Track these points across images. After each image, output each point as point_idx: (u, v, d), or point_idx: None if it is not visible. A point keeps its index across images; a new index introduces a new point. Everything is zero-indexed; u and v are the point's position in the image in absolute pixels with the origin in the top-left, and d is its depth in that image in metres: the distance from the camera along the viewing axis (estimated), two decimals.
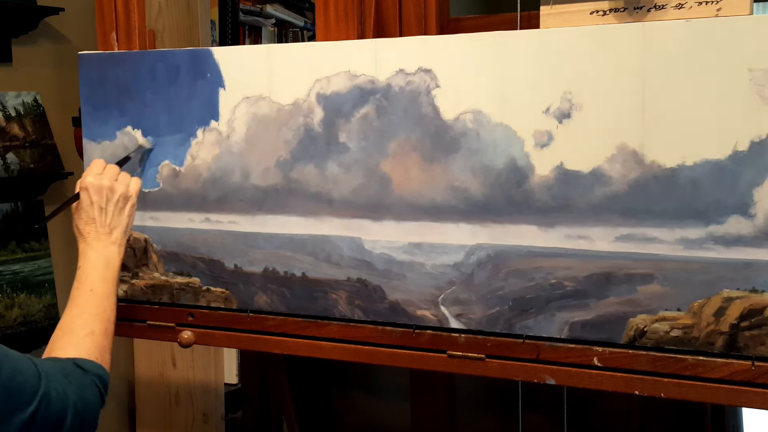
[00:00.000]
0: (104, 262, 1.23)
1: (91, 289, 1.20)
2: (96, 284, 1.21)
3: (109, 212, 1.27)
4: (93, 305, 1.18)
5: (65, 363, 1.07)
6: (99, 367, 1.10)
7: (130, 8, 1.43)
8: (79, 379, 1.04)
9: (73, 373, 1.05)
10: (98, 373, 1.09)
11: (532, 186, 1.14)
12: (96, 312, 1.17)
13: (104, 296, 1.20)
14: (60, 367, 1.04)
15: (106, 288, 1.21)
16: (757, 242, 1.04)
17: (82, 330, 1.14)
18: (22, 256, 2.28)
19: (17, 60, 2.28)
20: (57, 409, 0.98)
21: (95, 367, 1.09)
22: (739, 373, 1.06)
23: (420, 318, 1.23)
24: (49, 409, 0.96)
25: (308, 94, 1.27)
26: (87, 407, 1.03)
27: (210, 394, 2.41)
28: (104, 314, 1.18)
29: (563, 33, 1.12)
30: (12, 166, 2.23)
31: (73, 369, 1.06)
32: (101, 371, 1.10)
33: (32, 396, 0.94)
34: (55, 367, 1.03)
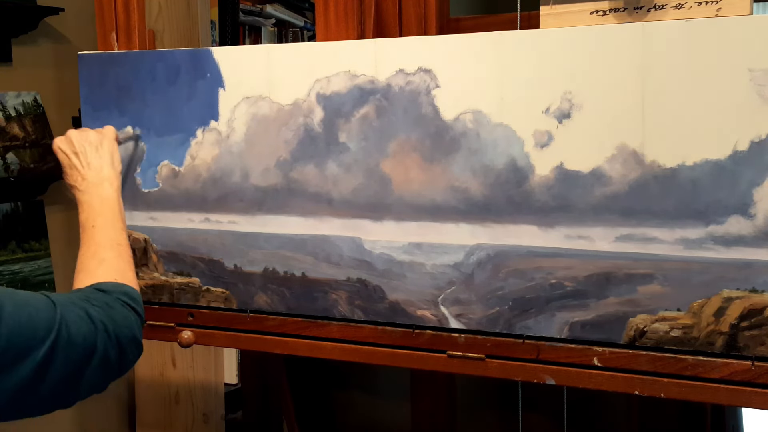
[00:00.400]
0: (98, 199, 1.22)
1: (93, 225, 1.17)
2: (96, 220, 1.18)
3: (87, 153, 1.27)
4: (99, 237, 1.15)
5: (83, 290, 1.02)
6: (121, 285, 1.05)
7: (130, 8, 1.43)
8: (102, 300, 0.99)
9: (94, 296, 0.99)
10: (122, 290, 1.03)
11: (532, 186, 1.14)
12: (101, 242, 1.14)
13: (107, 226, 1.17)
14: (79, 293, 0.99)
15: (105, 219, 1.18)
16: (757, 242, 1.04)
17: (92, 262, 1.11)
18: (22, 256, 2.28)
19: (17, 60, 2.28)
20: (81, 334, 0.91)
21: (117, 286, 1.04)
22: (739, 373, 1.06)
23: (420, 318, 1.23)
24: (71, 337, 0.90)
25: (308, 94, 1.27)
26: (119, 326, 0.97)
27: (210, 394, 2.41)
28: (111, 241, 1.15)
29: (563, 33, 1.12)
30: (12, 166, 2.23)
31: (93, 293, 1.01)
32: (125, 288, 1.04)
33: (48, 327, 0.88)
34: (72, 296, 0.97)
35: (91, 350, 0.92)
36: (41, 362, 0.86)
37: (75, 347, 0.90)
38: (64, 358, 0.89)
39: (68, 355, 0.89)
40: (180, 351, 2.36)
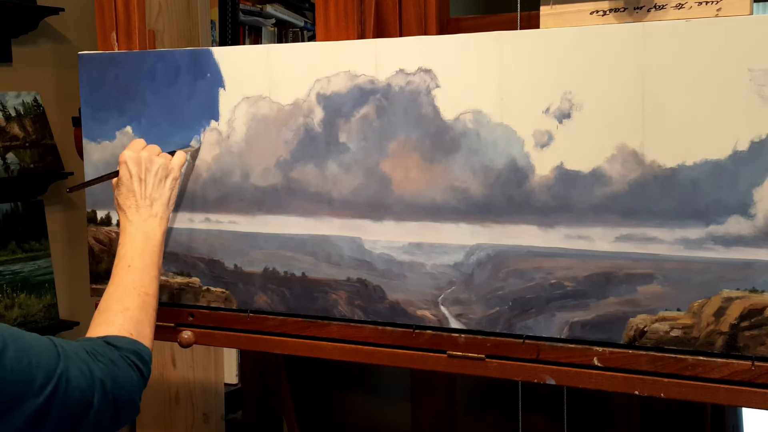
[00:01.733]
0: (143, 236, 1.19)
1: (129, 265, 1.15)
2: (134, 259, 1.16)
3: (148, 183, 1.23)
4: (129, 281, 1.13)
5: (93, 341, 1.00)
6: (133, 343, 1.03)
7: (130, 8, 1.43)
8: (109, 356, 0.97)
9: (101, 350, 0.97)
10: (132, 349, 1.01)
11: (532, 186, 1.14)
12: (132, 287, 1.12)
13: (142, 270, 1.15)
14: (87, 346, 0.97)
15: (143, 262, 1.16)
16: (757, 242, 1.04)
17: (116, 306, 1.09)
18: (22, 256, 2.28)
19: (17, 60, 2.28)
20: (80, 389, 0.90)
21: (128, 342, 1.02)
22: (739, 373, 1.06)
23: (420, 318, 1.23)
24: (69, 391, 0.89)
25: (308, 94, 1.27)
26: (119, 387, 0.96)
27: (210, 394, 2.41)
28: (141, 288, 1.13)
29: (563, 33, 1.12)
30: (12, 166, 2.23)
31: (102, 347, 0.99)
32: (136, 346, 1.03)
33: (47, 378, 0.87)
34: (80, 346, 0.96)
35: (88, 407, 0.92)
36: (36, 412, 0.85)
37: (71, 402, 0.90)
38: (59, 411, 0.88)
39: (64, 408, 0.89)
40: (180, 351, 2.36)
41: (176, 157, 1.30)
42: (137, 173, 1.24)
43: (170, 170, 1.27)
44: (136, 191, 1.23)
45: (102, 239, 1.44)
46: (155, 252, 1.20)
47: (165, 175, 1.26)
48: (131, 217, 1.22)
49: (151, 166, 1.25)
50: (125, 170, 1.25)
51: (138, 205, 1.22)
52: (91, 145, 1.43)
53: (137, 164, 1.25)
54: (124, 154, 1.26)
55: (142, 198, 1.23)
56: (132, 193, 1.23)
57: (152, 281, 1.16)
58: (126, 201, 1.23)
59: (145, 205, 1.23)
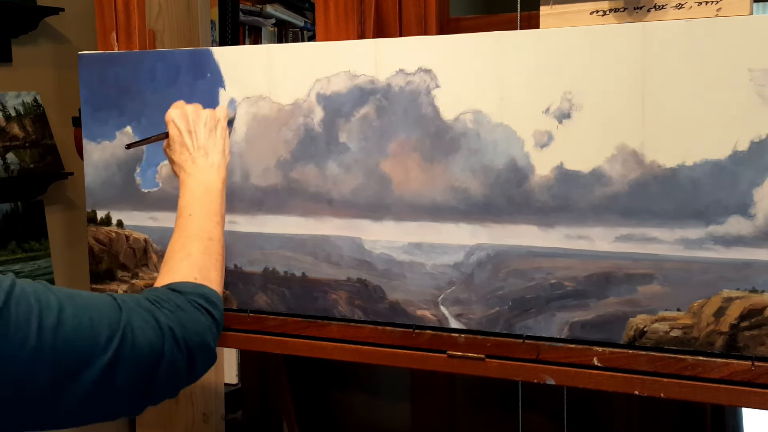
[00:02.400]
0: (203, 186, 1.16)
1: (190, 213, 1.12)
2: (194, 208, 1.13)
3: (199, 135, 1.21)
4: (192, 228, 1.10)
5: (156, 290, 0.97)
6: (199, 286, 1.00)
7: (130, 8, 1.43)
8: (174, 302, 0.94)
9: (165, 297, 0.94)
10: (198, 292, 0.98)
11: (532, 186, 1.14)
12: (194, 233, 1.09)
13: (204, 217, 1.12)
14: (150, 295, 0.94)
15: (204, 210, 1.13)
16: (757, 242, 1.04)
17: (179, 254, 1.06)
18: (22, 256, 2.28)
19: (17, 60, 2.28)
20: (147, 339, 0.87)
21: (194, 287, 0.99)
22: (739, 373, 1.06)
23: (420, 318, 1.23)
24: (136, 342, 0.86)
25: (308, 94, 1.27)
26: (190, 331, 0.92)
27: (210, 394, 2.41)
28: (203, 234, 1.10)
29: (563, 33, 1.12)
30: (12, 166, 2.23)
31: (166, 293, 0.96)
32: (203, 289, 0.99)
33: (112, 332, 0.84)
34: (141, 297, 0.93)
35: (158, 357, 0.88)
36: (105, 369, 0.83)
37: (141, 354, 0.86)
38: (129, 365, 0.85)
39: (134, 362, 0.85)
40: None
41: (220, 108, 1.27)
42: (185, 127, 1.21)
43: (218, 119, 1.24)
44: (188, 144, 1.20)
45: (102, 239, 1.44)
46: (216, 200, 1.16)
47: (214, 124, 1.23)
48: (189, 169, 1.18)
49: (198, 117, 1.22)
50: (173, 128, 1.22)
51: (194, 158, 1.19)
52: (91, 145, 1.43)
53: (184, 119, 1.22)
54: (170, 113, 1.23)
55: (196, 150, 1.20)
56: (185, 147, 1.20)
57: (215, 226, 1.12)
58: (180, 156, 1.20)
59: (201, 155, 1.19)
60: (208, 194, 1.15)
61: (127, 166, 1.40)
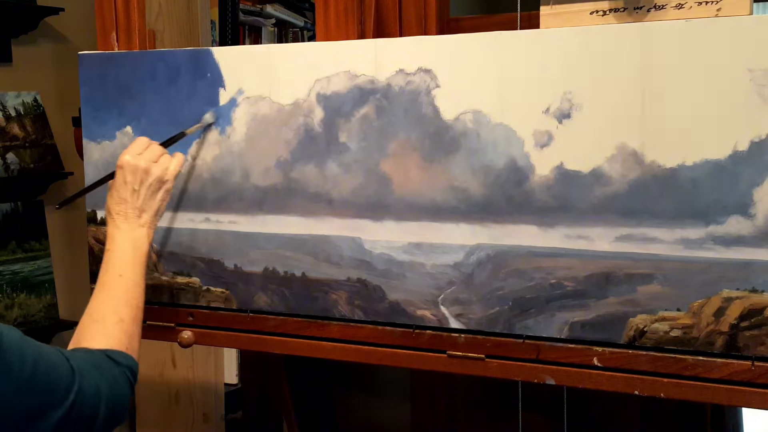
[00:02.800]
0: (132, 245, 1.20)
1: (120, 274, 1.17)
2: (125, 269, 1.18)
3: (141, 195, 1.24)
4: (122, 291, 1.15)
5: (97, 355, 1.05)
6: (129, 358, 1.09)
7: (130, 8, 1.43)
8: (111, 372, 1.03)
9: (105, 365, 1.04)
10: (128, 365, 1.07)
11: (532, 186, 1.14)
12: (125, 299, 1.15)
13: (133, 282, 1.17)
14: (91, 359, 1.03)
15: (134, 273, 1.18)
16: (757, 242, 1.04)
17: (112, 318, 1.12)
18: (22, 256, 2.28)
19: (17, 60, 2.28)
20: (91, 403, 0.97)
21: (126, 358, 1.08)
22: (739, 373, 1.06)
23: (420, 318, 1.23)
24: (83, 405, 0.96)
25: (308, 94, 1.27)
26: (118, 399, 1.02)
27: (210, 394, 2.41)
28: (133, 301, 1.16)
29: (563, 33, 1.12)
30: (12, 166, 2.22)
31: (105, 361, 1.04)
32: (131, 362, 1.08)
33: (67, 392, 0.94)
34: (87, 360, 1.01)
35: (94, 418, 0.98)
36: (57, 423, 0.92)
37: (85, 414, 0.96)
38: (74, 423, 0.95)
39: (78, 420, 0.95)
40: (180, 351, 2.36)
41: (173, 166, 1.28)
42: (132, 183, 1.24)
43: (165, 181, 1.27)
44: (128, 200, 1.24)
45: (102, 239, 1.44)
46: (143, 263, 1.22)
47: (159, 186, 1.26)
48: (120, 224, 1.23)
49: (147, 177, 1.25)
50: (121, 176, 1.24)
51: (127, 214, 1.23)
52: (91, 145, 1.43)
53: (133, 173, 1.24)
54: (123, 159, 1.25)
55: (132, 208, 1.24)
56: (124, 200, 1.24)
57: (141, 294, 1.19)
58: (116, 207, 1.24)
59: (134, 215, 1.23)
60: (137, 255, 1.21)
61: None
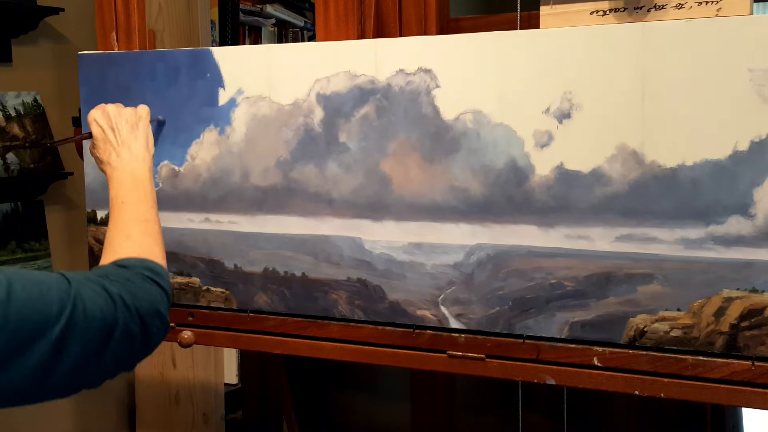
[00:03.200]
0: (130, 176, 1.19)
1: (123, 201, 1.15)
2: (126, 196, 1.16)
3: (121, 130, 1.24)
4: (126, 213, 1.13)
5: (102, 267, 0.99)
6: (143, 261, 1.01)
7: (130, 8, 1.43)
8: (122, 275, 0.96)
9: (113, 271, 0.96)
10: (144, 265, 1.00)
11: (532, 186, 1.14)
12: (130, 217, 1.12)
13: (137, 202, 1.15)
14: (96, 271, 0.96)
15: (136, 196, 1.16)
16: (757, 242, 1.04)
17: (119, 237, 1.08)
18: (22, 256, 2.28)
19: (17, 60, 2.28)
20: (99, 308, 0.88)
21: (139, 261, 1.01)
22: (739, 373, 1.06)
23: (420, 318, 1.23)
24: (87, 311, 0.86)
25: (308, 94, 1.27)
26: (140, 300, 0.93)
27: (210, 394, 2.41)
28: (140, 216, 1.12)
29: (563, 33, 1.12)
30: (12, 166, 2.22)
31: (113, 268, 0.98)
32: (148, 263, 1.01)
33: (62, 303, 0.84)
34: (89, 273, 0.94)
35: (111, 325, 0.88)
36: (57, 339, 0.83)
37: (93, 322, 0.86)
38: (82, 334, 0.85)
39: (86, 331, 0.86)
40: (180, 351, 2.36)
41: (141, 106, 1.29)
42: (108, 125, 1.24)
43: (140, 116, 1.27)
44: (111, 140, 1.23)
45: (102, 239, 1.44)
46: (146, 187, 1.19)
47: (136, 121, 1.26)
48: (114, 163, 1.21)
49: (120, 115, 1.25)
50: (96, 127, 1.25)
51: (118, 152, 1.22)
52: None
53: (106, 117, 1.25)
54: (92, 113, 1.26)
55: (119, 145, 1.23)
56: (108, 143, 1.23)
57: (149, 209, 1.15)
58: (105, 153, 1.23)
59: (125, 150, 1.22)
60: (136, 182, 1.18)
61: None
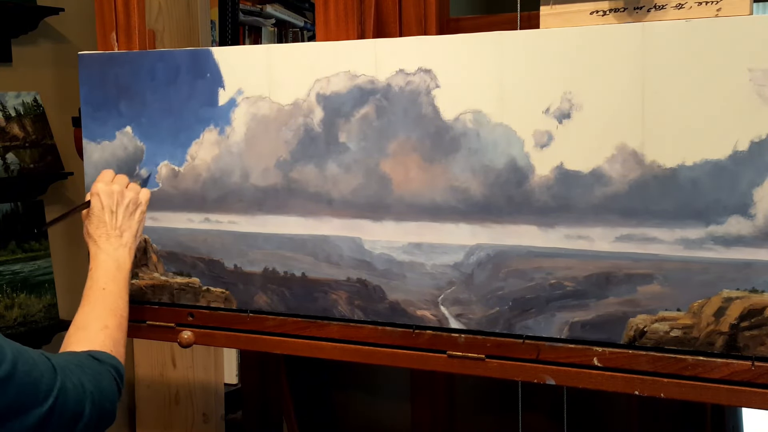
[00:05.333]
0: (115, 263, 1.25)
1: (104, 287, 1.22)
2: (108, 283, 1.22)
3: (119, 215, 1.29)
4: (106, 302, 1.20)
5: (80, 355, 1.08)
6: (113, 358, 1.11)
7: (130, 8, 1.43)
8: (95, 369, 1.05)
9: (88, 364, 1.06)
10: (113, 364, 1.10)
11: (532, 186, 1.14)
12: (110, 308, 1.19)
13: (117, 294, 1.22)
14: (75, 359, 1.05)
15: (117, 287, 1.23)
16: (757, 242, 1.04)
17: (96, 324, 1.16)
18: (22, 256, 2.28)
19: (17, 60, 2.28)
20: (75, 401, 0.98)
21: (110, 358, 1.10)
22: (739, 373, 1.06)
23: (420, 318, 1.23)
24: (66, 402, 0.97)
25: (308, 94, 1.27)
26: (104, 397, 1.04)
27: (210, 394, 2.41)
28: (117, 310, 1.20)
29: (563, 33, 1.12)
30: (12, 166, 2.22)
31: (88, 360, 1.07)
32: (116, 362, 1.11)
33: (49, 390, 0.95)
34: (70, 360, 1.04)
35: (80, 416, 0.99)
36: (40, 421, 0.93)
37: (68, 412, 0.97)
38: (58, 420, 0.96)
39: (61, 417, 0.96)
40: (180, 351, 2.36)
41: (143, 192, 1.35)
42: (109, 205, 1.29)
43: (139, 203, 1.33)
44: (107, 222, 1.28)
45: None
46: (126, 279, 1.26)
47: (135, 208, 1.32)
48: (102, 245, 1.27)
49: (123, 199, 1.30)
50: (97, 201, 1.29)
51: (108, 235, 1.27)
52: (91, 145, 1.43)
53: (109, 196, 1.29)
54: (97, 186, 1.31)
55: (112, 228, 1.28)
56: (103, 223, 1.28)
57: (125, 306, 1.23)
58: (96, 230, 1.28)
59: (115, 235, 1.28)
60: (119, 272, 1.25)
61: (127, 166, 1.40)
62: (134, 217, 1.31)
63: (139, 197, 1.33)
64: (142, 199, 1.34)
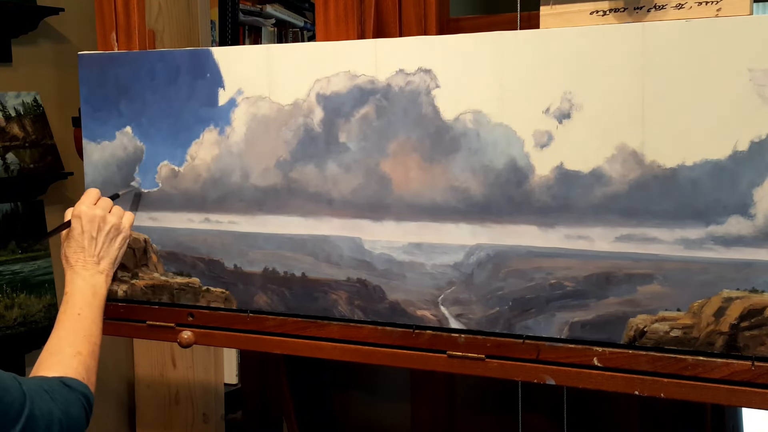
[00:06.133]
0: (91, 290, 1.25)
1: (79, 313, 1.21)
2: (83, 309, 1.22)
3: (99, 242, 1.28)
4: (80, 328, 1.19)
5: (51, 381, 1.07)
6: (84, 387, 1.10)
7: (130, 8, 1.43)
8: (65, 396, 1.05)
9: (59, 390, 1.05)
10: (83, 392, 1.09)
11: (532, 186, 1.14)
12: (84, 334, 1.19)
13: (91, 321, 1.21)
14: (45, 385, 1.05)
15: (92, 314, 1.22)
16: (757, 242, 1.04)
17: (70, 350, 1.15)
18: (22, 256, 2.28)
19: (17, 60, 2.28)
20: (42, 427, 0.98)
21: (81, 386, 1.10)
22: (739, 373, 1.06)
23: (420, 318, 1.23)
24: (35, 429, 0.96)
25: (308, 94, 1.27)
26: (72, 424, 1.03)
27: (210, 394, 2.41)
28: (91, 337, 1.19)
29: (563, 33, 1.12)
30: (12, 166, 2.22)
31: (59, 386, 1.06)
32: (87, 390, 1.10)
33: (17, 416, 0.94)
34: (40, 386, 1.03)
35: None
36: None
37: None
38: None
39: None
40: (180, 351, 2.36)
41: (127, 217, 1.34)
42: (89, 231, 1.28)
43: (121, 230, 1.32)
44: (86, 248, 1.27)
45: None
46: (101, 306, 1.25)
47: (116, 234, 1.31)
48: (79, 270, 1.26)
49: (104, 225, 1.29)
50: (78, 225, 1.28)
51: (86, 261, 1.27)
52: (91, 145, 1.43)
53: (91, 222, 1.28)
54: (79, 209, 1.29)
55: (90, 255, 1.28)
56: (81, 248, 1.27)
57: (99, 333, 1.22)
58: (74, 255, 1.27)
59: (93, 262, 1.27)
60: (95, 298, 1.25)
61: (127, 166, 1.40)
62: (114, 243, 1.30)
63: (121, 222, 1.32)
64: (125, 224, 1.32)
